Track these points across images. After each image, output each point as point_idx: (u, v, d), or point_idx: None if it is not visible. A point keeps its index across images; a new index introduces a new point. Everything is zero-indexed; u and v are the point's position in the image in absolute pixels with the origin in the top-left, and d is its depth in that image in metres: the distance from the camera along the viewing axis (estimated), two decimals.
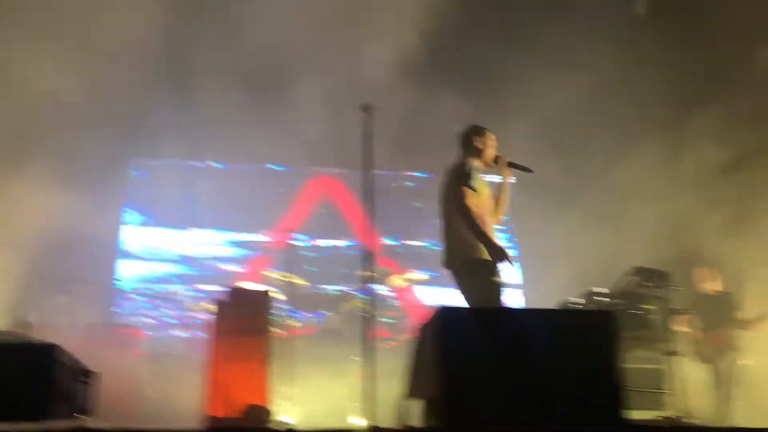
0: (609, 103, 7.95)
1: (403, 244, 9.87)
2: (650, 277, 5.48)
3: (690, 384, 6.99)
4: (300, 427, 4.82)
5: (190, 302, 8.31)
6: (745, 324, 6.69)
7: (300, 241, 9.20)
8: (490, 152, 4.80)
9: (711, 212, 7.40)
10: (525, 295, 9.92)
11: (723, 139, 7.48)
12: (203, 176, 9.54)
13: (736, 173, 7.52)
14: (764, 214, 7.25)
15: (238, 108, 7.75)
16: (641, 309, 5.56)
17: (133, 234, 9.21)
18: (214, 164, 9.61)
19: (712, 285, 6.95)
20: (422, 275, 8.22)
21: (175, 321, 8.71)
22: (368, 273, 4.66)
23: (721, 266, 7.07)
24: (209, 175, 9.56)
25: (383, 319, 7.55)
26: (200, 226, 9.38)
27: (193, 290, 9.06)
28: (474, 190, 4.54)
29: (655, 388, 5.67)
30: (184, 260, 9.25)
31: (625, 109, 8.01)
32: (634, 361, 6.14)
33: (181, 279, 9.17)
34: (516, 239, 10.15)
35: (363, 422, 3.21)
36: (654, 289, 5.50)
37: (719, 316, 6.73)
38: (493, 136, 4.85)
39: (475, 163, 4.71)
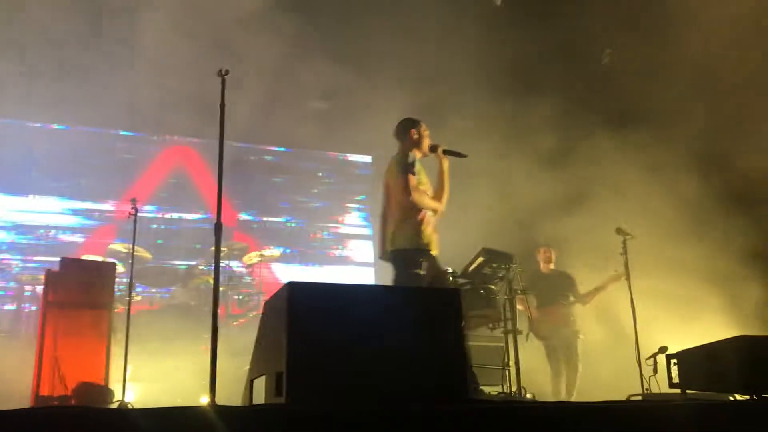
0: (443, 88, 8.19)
1: (260, 219, 9.69)
2: (496, 258, 5.71)
3: (528, 361, 7.46)
4: (140, 405, 4.60)
5: (21, 273, 7.68)
6: (581, 299, 7.04)
7: (148, 212, 8.77)
8: (426, 141, 5.07)
9: (547, 195, 7.80)
10: (377, 272, 10.09)
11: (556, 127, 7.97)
12: (43, 138, 8.81)
13: (568, 158, 7.98)
14: (592, 198, 7.69)
15: (83, 67, 7.19)
16: (486, 289, 5.80)
17: None
18: (56, 126, 8.90)
19: (548, 264, 7.28)
20: (277, 251, 8.12)
21: (4, 293, 8.03)
22: (220, 248, 4.51)
23: (557, 246, 7.41)
24: (50, 137, 8.84)
25: (235, 296, 7.38)
26: (38, 192, 8.67)
27: (27, 261, 8.40)
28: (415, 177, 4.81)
29: (496, 365, 5.96)
30: (19, 228, 8.53)
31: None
32: (477, 339, 6.45)
33: (14, 248, 8.46)
34: (371, 218, 10.31)
35: (207, 400, 3.12)
36: (498, 269, 5.74)
37: (555, 294, 7.06)
38: (425, 126, 5.13)
39: (415, 153, 4.94)
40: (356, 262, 10.13)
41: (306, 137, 9.54)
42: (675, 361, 3.96)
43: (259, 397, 3.48)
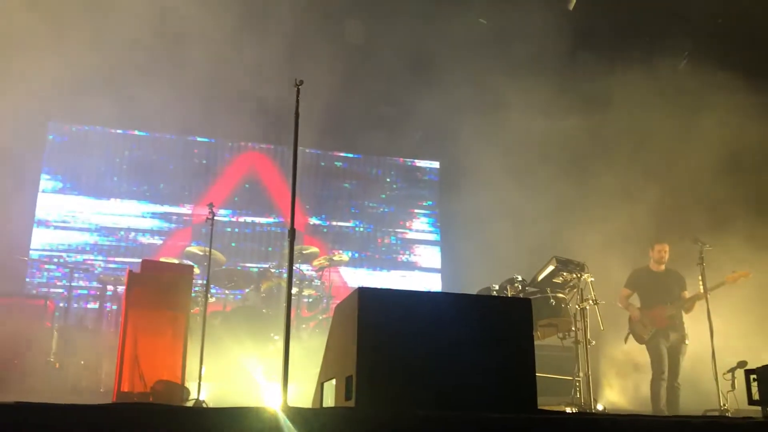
0: None
1: (329, 224, 9.85)
2: (567, 266, 5.64)
3: (601, 372, 7.30)
4: (213, 404, 4.74)
5: (104, 274, 8.03)
6: (684, 303, 6.52)
7: (223, 216, 9.04)
8: None
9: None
10: (443, 278, 10.10)
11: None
12: (124, 144, 9.22)
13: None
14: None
15: (161, 76, 7.46)
16: (557, 297, 5.72)
17: (50, 201, 8.82)
18: (137, 132, 9.29)
19: (659, 264, 6.74)
20: (345, 255, 8.22)
21: (87, 292, 8.41)
22: (293, 251, 4.61)
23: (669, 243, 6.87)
24: (131, 143, 9.24)
25: (305, 299, 7.51)
26: (119, 195, 9.06)
27: (108, 262, 8.78)
28: None
29: (566, 375, 5.86)
30: (101, 230, 8.93)
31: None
32: (547, 348, 6.37)
33: (97, 249, 8.86)
34: (438, 224, 10.32)
35: (279, 401, 3.19)
36: (570, 278, 5.66)
37: (662, 296, 6.60)
38: None
39: None
40: (423, 267, 10.15)
41: (374, 143, 9.68)
42: (755, 376, 3.81)
43: (330, 399, 3.54)
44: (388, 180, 10.36)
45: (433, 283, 10.03)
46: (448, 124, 9.09)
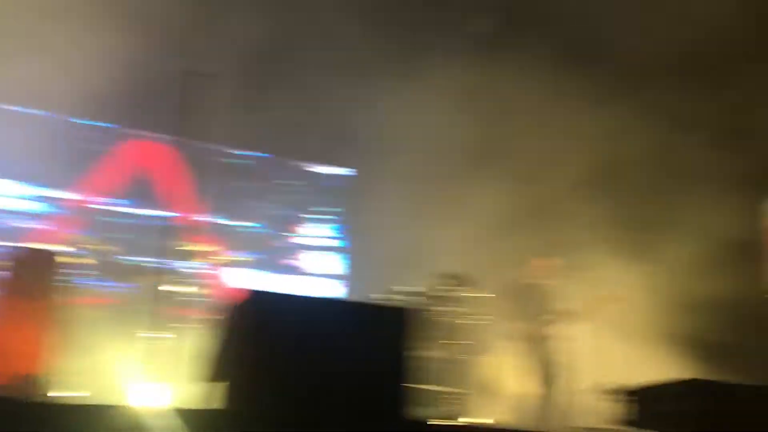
0: None
1: (228, 223, 9.52)
2: (454, 280, 5.67)
3: (485, 384, 7.37)
4: (77, 401, 4.45)
5: None
6: (562, 316, 6.64)
7: (107, 205, 8.53)
8: None
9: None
10: (349, 285, 9.99)
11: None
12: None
13: None
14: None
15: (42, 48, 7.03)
16: (443, 310, 5.75)
17: None
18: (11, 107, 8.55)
19: (541, 277, 6.83)
20: (239, 256, 7.98)
21: None
22: (180, 248, 4.39)
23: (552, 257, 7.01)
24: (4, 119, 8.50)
25: (190, 298, 7.20)
26: None
27: None
28: None
29: (449, 386, 5.88)
30: None
31: None
32: (430, 360, 6.38)
33: None
34: (345, 231, 10.21)
35: (146, 399, 3.01)
36: (456, 291, 5.70)
37: (540, 309, 6.63)
38: None
39: None
40: (324, 273, 10.01)
41: (284, 145, 9.50)
42: (625, 397, 3.92)
43: (203, 400, 3.40)
44: (294, 183, 10.16)
45: (335, 290, 9.90)
46: (362, 131, 9.03)
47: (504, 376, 7.48)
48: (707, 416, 3.35)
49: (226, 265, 7.73)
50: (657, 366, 6.61)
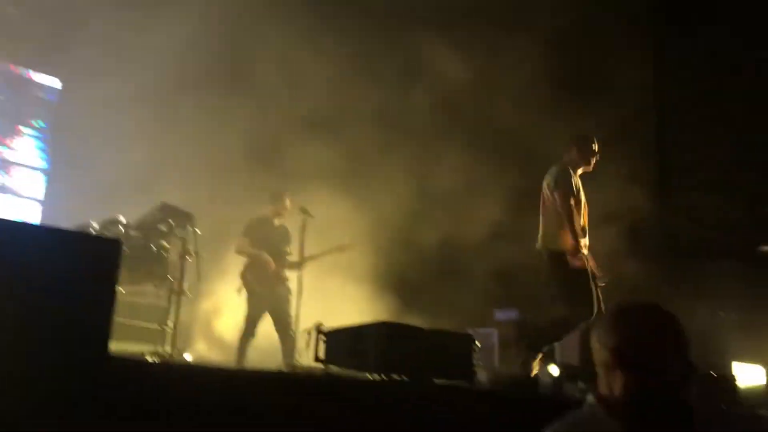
0: None
1: None
2: (173, 214, 5.50)
3: (195, 324, 7.32)
4: None
5: None
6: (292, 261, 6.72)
7: None
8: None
9: None
10: (44, 210, 9.08)
11: None
12: None
13: None
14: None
15: None
16: (158, 245, 5.55)
17: None
18: None
19: (280, 217, 6.87)
20: None
21: None
22: None
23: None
24: None
25: None
26: None
27: None
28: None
29: (156, 323, 5.74)
30: None
31: None
32: (140, 295, 6.17)
33: None
34: (48, 149, 9.24)
35: None
36: (175, 227, 5.54)
37: (275, 249, 6.68)
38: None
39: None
40: (19, 193, 8.98)
41: None
42: (323, 337, 4.19)
43: None
44: None
45: (31, 214, 8.94)
46: (76, 38, 8.14)
47: (215, 316, 7.52)
48: (390, 355, 3.73)
49: None
50: (370, 308, 7.19)
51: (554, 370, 5.65)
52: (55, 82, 9.38)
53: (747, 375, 5.06)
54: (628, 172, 7.39)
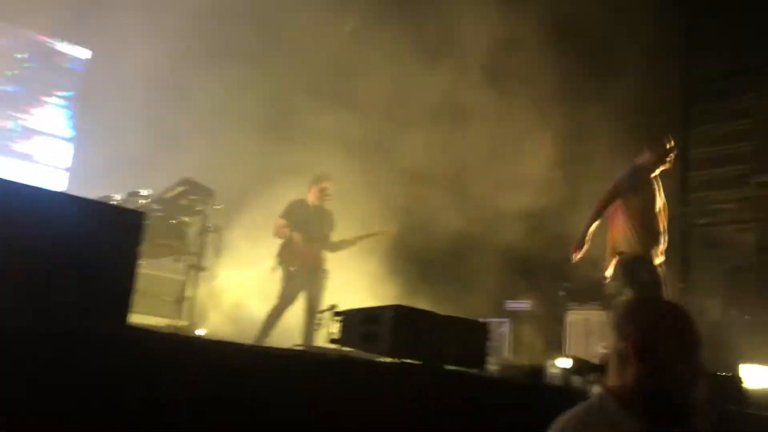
0: None
1: None
2: (195, 190, 5.57)
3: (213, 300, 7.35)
4: None
5: None
6: (334, 245, 6.70)
7: None
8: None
9: None
10: (71, 180, 9.20)
11: None
12: None
13: None
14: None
15: None
16: (180, 219, 5.63)
17: None
18: None
19: (320, 199, 6.76)
20: None
21: None
22: None
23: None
24: None
25: None
26: None
27: None
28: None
29: (173, 297, 5.82)
30: None
31: None
32: (158, 268, 6.25)
33: None
34: (75, 119, 9.35)
35: None
36: (196, 203, 5.60)
37: (314, 231, 6.61)
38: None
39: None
40: (46, 163, 9.11)
41: (11, 8, 8.32)
42: (339, 318, 4.23)
43: None
44: (19, 56, 8.99)
45: (58, 183, 9.07)
46: (106, 10, 8.20)
47: (236, 291, 7.55)
48: (403, 339, 3.77)
49: None
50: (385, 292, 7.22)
51: (563, 362, 5.67)
52: (82, 53, 9.47)
53: (754, 376, 5.04)
54: None
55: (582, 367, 5.47)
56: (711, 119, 8.77)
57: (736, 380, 4.84)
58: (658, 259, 5.10)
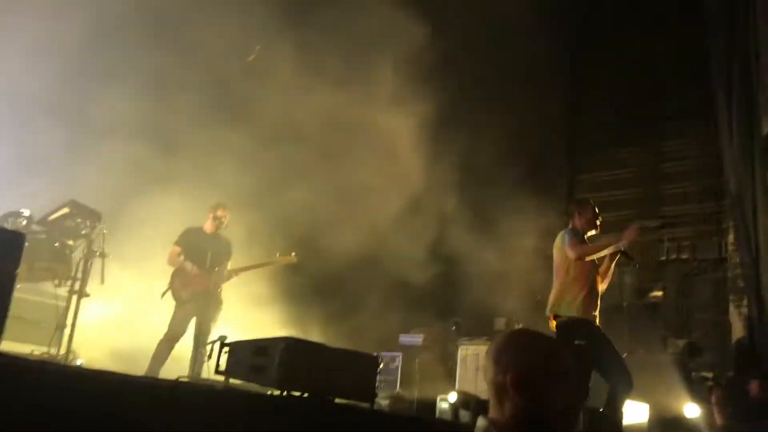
0: None
1: None
2: (82, 213, 5.34)
3: (91, 327, 6.99)
4: None
5: None
6: (230, 272, 6.53)
7: None
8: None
9: None
10: None
11: None
12: None
13: None
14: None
15: None
16: (63, 242, 5.37)
17: None
18: None
19: (217, 226, 6.62)
20: None
21: None
22: None
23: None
24: None
25: None
26: None
27: None
28: None
29: (53, 324, 5.50)
30: None
31: None
32: (37, 292, 5.90)
33: None
34: None
35: None
36: (82, 225, 5.37)
37: (208, 259, 6.42)
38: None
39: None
40: None
41: None
42: (227, 349, 4.13)
43: None
44: None
45: None
46: None
47: (121, 320, 7.19)
48: (292, 371, 3.72)
49: None
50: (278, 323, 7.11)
51: (452, 396, 5.78)
52: None
53: (632, 412, 5.29)
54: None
55: (469, 401, 5.59)
56: (595, 167, 9.39)
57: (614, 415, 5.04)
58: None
